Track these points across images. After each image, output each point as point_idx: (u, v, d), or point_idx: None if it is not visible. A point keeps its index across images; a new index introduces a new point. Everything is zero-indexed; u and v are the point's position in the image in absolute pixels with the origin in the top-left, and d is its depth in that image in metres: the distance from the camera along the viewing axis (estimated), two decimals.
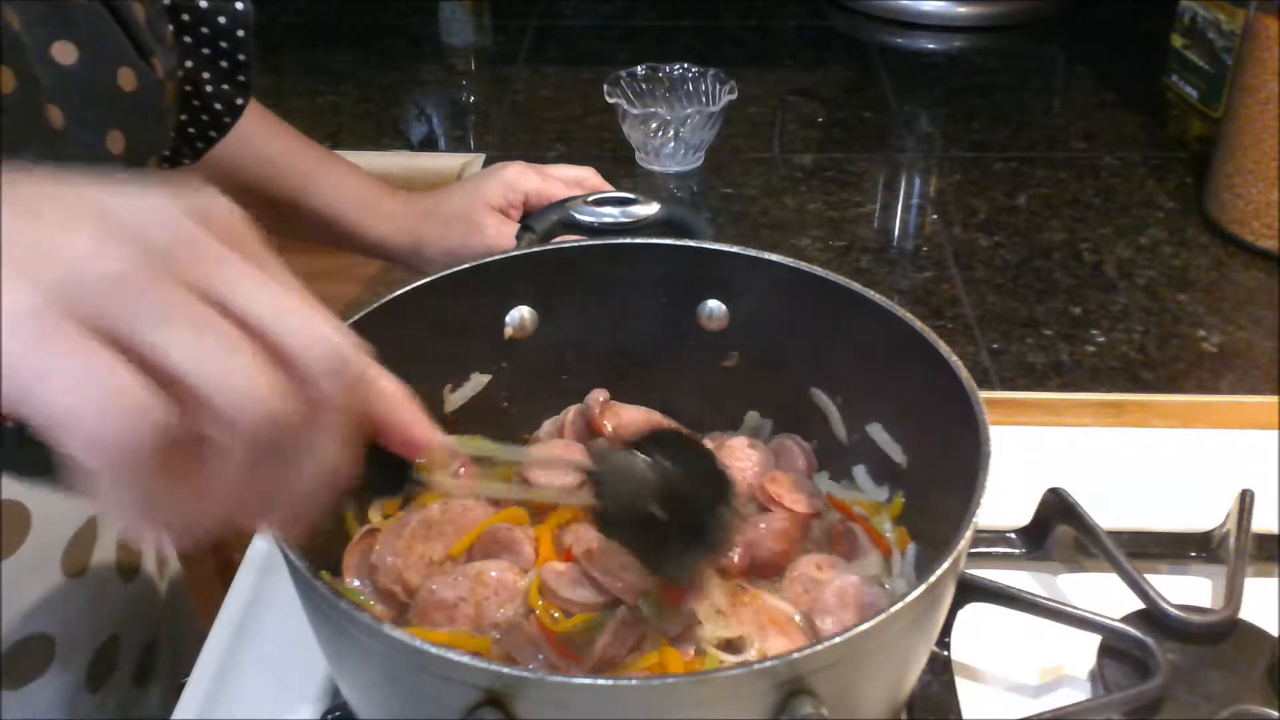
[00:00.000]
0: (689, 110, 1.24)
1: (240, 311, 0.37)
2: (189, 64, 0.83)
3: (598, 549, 0.64)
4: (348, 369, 0.39)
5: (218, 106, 0.87)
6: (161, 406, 0.35)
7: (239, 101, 0.87)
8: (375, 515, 0.69)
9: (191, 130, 0.87)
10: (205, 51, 0.83)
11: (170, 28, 0.78)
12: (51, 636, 0.75)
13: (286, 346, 0.38)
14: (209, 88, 0.85)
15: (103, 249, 0.36)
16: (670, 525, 0.57)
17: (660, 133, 1.23)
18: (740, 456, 0.73)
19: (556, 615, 0.63)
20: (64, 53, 0.63)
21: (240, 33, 0.83)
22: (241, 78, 0.86)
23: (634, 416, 0.76)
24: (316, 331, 0.39)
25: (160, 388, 0.35)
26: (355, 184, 0.98)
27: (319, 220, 0.97)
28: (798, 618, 0.64)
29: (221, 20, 0.81)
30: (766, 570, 0.67)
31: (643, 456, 0.57)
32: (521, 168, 0.95)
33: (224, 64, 0.84)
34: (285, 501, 0.40)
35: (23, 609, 0.73)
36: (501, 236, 0.91)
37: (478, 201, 0.93)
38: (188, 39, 0.82)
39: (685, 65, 1.30)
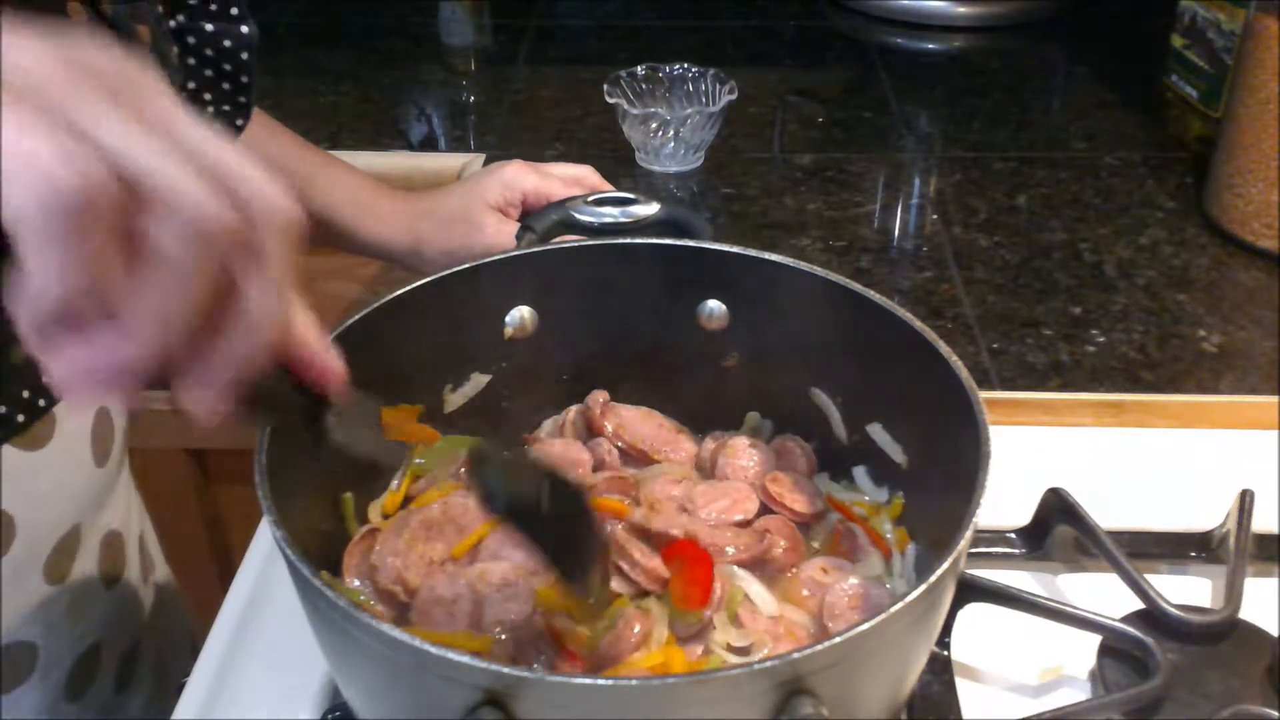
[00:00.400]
0: (689, 110, 1.24)
1: (179, 138, 0.37)
2: (191, 85, 0.83)
3: (620, 540, 0.65)
4: (290, 225, 0.39)
5: (217, 127, 0.86)
6: (101, 168, 0.34)
7: (239, 122, 0.87)
8: (375, 515, 0.69)
9: None
10: (208, 73, 0.83)
11: (175, 49, 0.78)
12: (34, 645, 0.75)
13: (230, 180, 0.37)
14: (210, 109, 0.85)
15: (25, 49, 0.35)
16: (559, 517, 0.57)
17: (660, 133, 1.23)
18: (741, 456, 0.73)
19: (563, 617, 0.63)
20: None
21: (244, 55, 0.83)
22: (243, 99, 0.86)
23: (634, 416, 0.76)
24: (261, 178, 0.38)
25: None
26: (353, 184, 0.98)
27: (318, 221, 0.96)
28: (811, 626, 0.64)
29: (226, 43, 0.81)
30: (772, 569, 0.67)
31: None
32: (520, 166, 0.95)
33: (226, 85, 0.84)
34: (213, 361, 0.39)
35: (5, 617, 0.72)
36: (501, 236, 0.91)
37: (476, 201, 0.93)
38: (192, 60, 0.82)
39: (685, 65, 1.30)
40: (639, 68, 1.30)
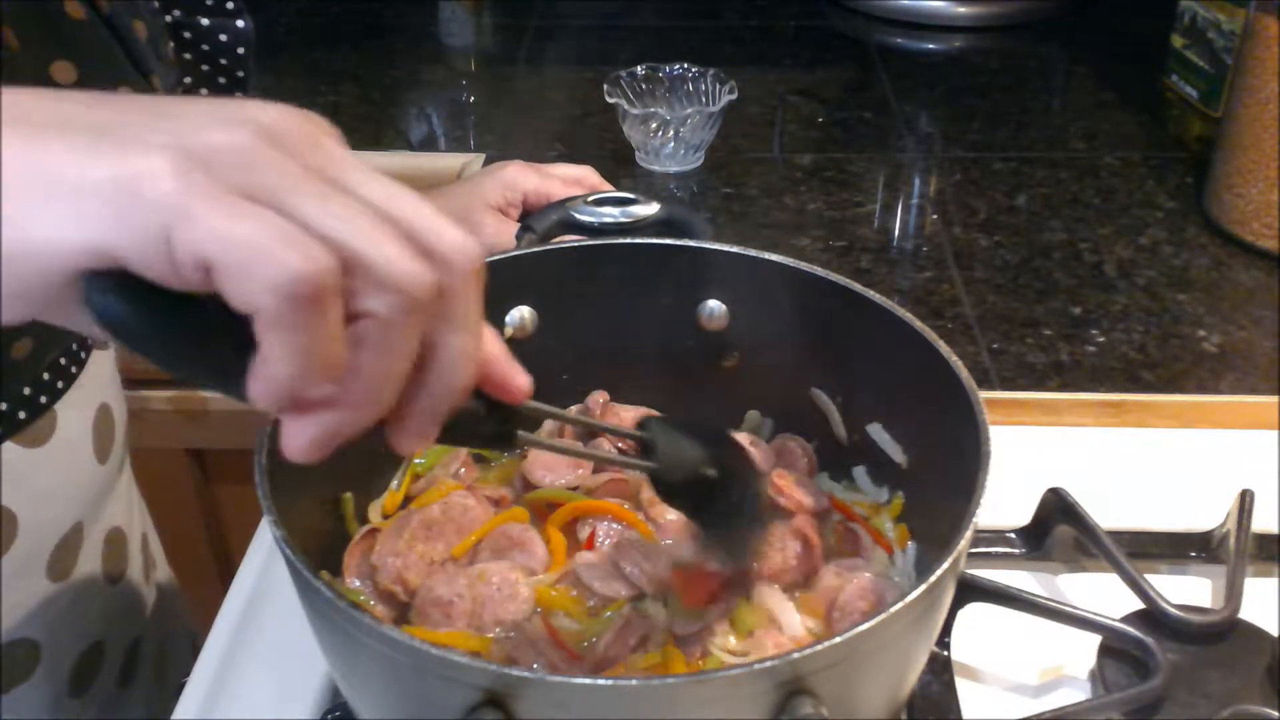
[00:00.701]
0: (689, 110, 1.24)
1: (368, 199, 0.38)
2: (188, 80, 0.83)
3: (625, 540, 0.64)
4: (478, 264, 0.40)
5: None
6: (324, 251, 0.35)
7: None
8: (375, 515, 0.69)
9: None
10: (205, 68, 0.82)
11: (171, 45, 0.78)
12: (37, 642, 0.75)
13: (420, 234, 0.38)
14: None
15: (220, 127, 0.36)
16: (723, 489, 0.57)
17: (660, 133, 1.23)
18: None
19: (562, 617, 0.63)
20: (63, 72, 0.62)
21: (240, 50, 0.83)
22: (239, 94, 0.86)
23: (634, 417, 0.76)
24: (444, 224, 0.39)
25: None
26: None
27: None
28: (818, 628, 0.64)
29: (223, 38, 0.81)
30: (796, 577, 0.66)
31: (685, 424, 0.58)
32: (520, 167, 0.95)
33: (223, 80, 0.84)
34: (422, 407, 0.41)
35: (8, 614, 0.73)
36: (501, 236, 0.91)
37: (476, 201, 0.93)
38: (188, 56, 0.82)
39: (685, 65, 1.30)
40: (639, 68, 1.30)
